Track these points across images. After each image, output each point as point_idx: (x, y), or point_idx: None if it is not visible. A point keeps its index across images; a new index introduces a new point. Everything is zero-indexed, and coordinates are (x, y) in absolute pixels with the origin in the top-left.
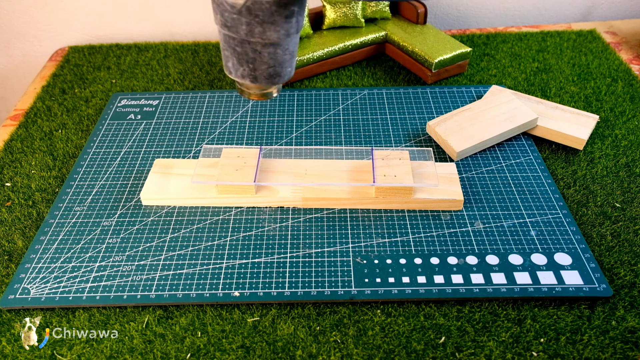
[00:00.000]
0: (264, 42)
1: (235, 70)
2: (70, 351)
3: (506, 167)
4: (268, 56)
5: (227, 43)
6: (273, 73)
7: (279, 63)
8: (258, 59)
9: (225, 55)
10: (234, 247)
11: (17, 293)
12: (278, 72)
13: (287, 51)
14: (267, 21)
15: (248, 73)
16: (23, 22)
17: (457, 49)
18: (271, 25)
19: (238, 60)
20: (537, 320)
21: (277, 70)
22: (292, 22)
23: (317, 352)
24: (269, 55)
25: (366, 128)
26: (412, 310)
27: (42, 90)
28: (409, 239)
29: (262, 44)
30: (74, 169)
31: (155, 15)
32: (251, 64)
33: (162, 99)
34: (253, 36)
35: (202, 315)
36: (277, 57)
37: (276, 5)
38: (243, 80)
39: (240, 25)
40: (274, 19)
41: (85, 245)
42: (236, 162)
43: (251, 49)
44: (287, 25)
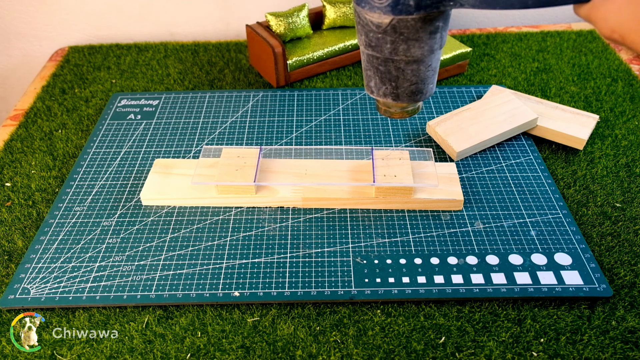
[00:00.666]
0: (408, 60)
1: (378, 89)
2: (70, 351)
3: (506, 167)
4: (411, 73)
5: (370, 63)
6: (415, 90)
7: (422, 80)
8: (401, 77)
9: (368, 75)
10: (234, 247)
11: (17, 293)
12: (420, 89)
13: (429, 67)
14: (412, 38)
15: (390, 91)
16: (23, 22)
17: (457, 49)
18: (415, 42)
19: (381, 79)
20: (537, 320)
21: (419, 87)
22: (437, 37)
23: (317, 352)
24: (412, 72)
25: (366, 128)
26: (412, 310)
27: (42, 90)
28: (409, 239)
29: (405, 61)
30: (74, 169)
31: (155, 15)
32: (394, 82)
33: (162, 99)
34: (397, 54)
35: (202, 315)
36: (419, 73)
37: (422, 21)
38: (385, 98)
39: (385, 44)
40: (418, 36)
41: (85, 245)
42: (236, 162)
43: (394, 67)
44: (432, 42)
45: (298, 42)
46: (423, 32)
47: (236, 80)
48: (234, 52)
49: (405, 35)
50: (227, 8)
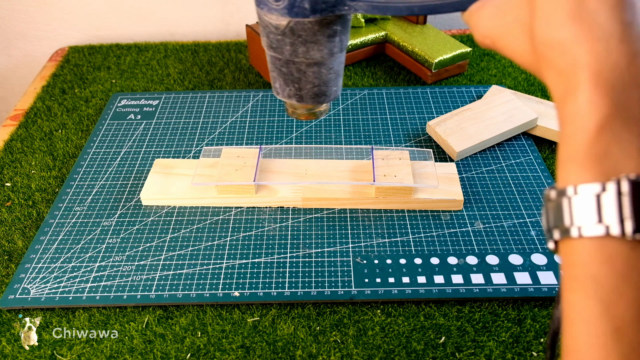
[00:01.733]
0: (308, 62)
1: (282, 90)
2: (70, 351)
3: (506, 167)
4: (313, 75)
5: (273, 64)
6: (318, 92)
7: (324, 82)
8: (303, 79)
9: (273, 77)
10: (234, 247)
11: (17, 293)
12: (323, 91)
13: (331, 70)
14: (310, 41)
15: (294, 93)
16: (23, 22)
17: (457, 49)
18: (314, 44)
19: (284, 80)
20: (537, 320)
21: (322, 89)
22: (336, 41)
23: (317, 352)
24: (313, 74)
25: (366, 128)
26: (412, 310)
27: (42, 90)
28: (409, 239)
29: (306, 63)
30: (74, 169)
31: (155, 15)
32: (297, 84)
33: (162, 99)
34: (297, 56)
35: (202, 315)
36: (321, 76)
37: (318, 25)
38: (290, 100)
39: (285, 45)
40: (316, 39)
41: (85, 245)
42: (236, 162)
43: (296, 69)
44: (331, 45)
45: None
46: (321, 35)
47: (236, 80)
48: (234, 52)
49: (303, 37)
50: (227, 8)
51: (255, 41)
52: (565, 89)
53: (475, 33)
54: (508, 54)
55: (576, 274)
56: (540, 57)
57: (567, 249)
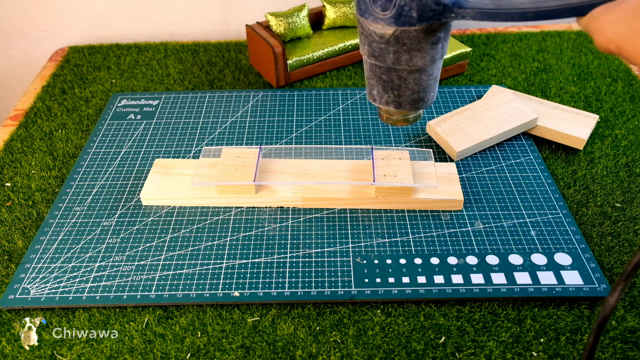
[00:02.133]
0: (410, 69)
1: (380, 97)
2: (70, 351)
3: (506, 167)
4: (413, 82)
5: (372, 72)
6: (417, 98)
7: (423, 88)
8: (403, 86)
9: (370, 84)
10: (234, 247)
11: (17, 293)
12: (422, 97)
13: (431, 76)
14: (414, 48)
15: (393, 99)
16: (23, 22)
17: (457, 49)
18: (418, 52)
19: (383, 87)
20: (537, 320)
21: (421, 95)
22: (438, 47)
23: (317, 352)
24: (414, 81)
25: (366, 128)
26: (412, 310)
27: (42, 90)
28: (409, 239)
29: (407, 70)
30: (74, 169)
31: (155, 15)
32: (396, 91)
33: (162, 99)
34: (400, 64)
35: (202, 315)
36: (421, 82)
37: (424, 33)
38: (387, 106)
39: (388, 54)
40: (421, 46)
41: (85, 245)
42: (236, 162)
43: (397, 76)
44: (433, 52)
45: (298, 42)
46: (425, 43)
47: (236, 80)
48: (234, 52)
49: (407, 45)
50: (227, 8)
51: (255, 41)
52: None
53: (598, 38)
54: (636, 60)
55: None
56: None
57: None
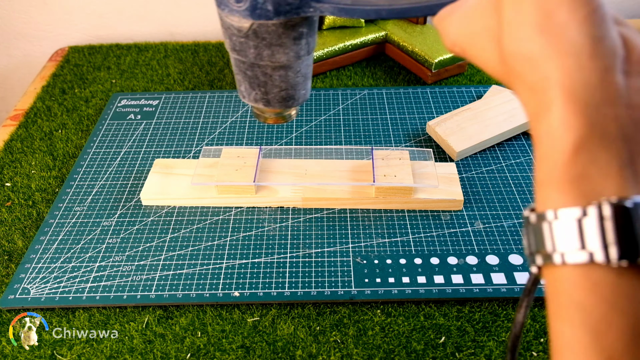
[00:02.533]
0: (274, 65)
1: (248, 94)
2: (70, 351)
3: (506, 167)
4: (279, 79)
5: (237, 67)
6: (286, 96)
7: (292, 86)
8: (269, 82)
9: (238, 80)
10: (234, 247)
11: (17, 293)
12: (291, 94)
13: (299, 73)
14: (275, 44)
15: (261, 97)
16: (23, 22)
17: None
18: (279, 47)
19: (250, 84)
20: (537, 320)
21: (289, 93)
22: (302, 43)
23: (317, 352)
24: (280, 78)
25: (366, 128)
26: (412, 310)
27: (42, 90)
28: (409, 239)
29: (271, 67)
30: (74, 169)
31: (155, 15)
32: (263, 88)
33: (162, 99)
34: (262, 59)
35: (202, 315)
36: (288, 79)
37: (283, 27)
38: (256, 104)
39: (249, 48)
40: (281, 41)
41: (85, 245)
42: (236, 162)
43: (261, 73)
44: (297, 47)
45: None
46: (286, 38)
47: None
48: None
49: (267, 40)
50: None
51: None
52: (537, 107)
53: (445, 39)
54: (478, 63)
55: (562, 302)
56: (510, 70)
57: (551, 275)
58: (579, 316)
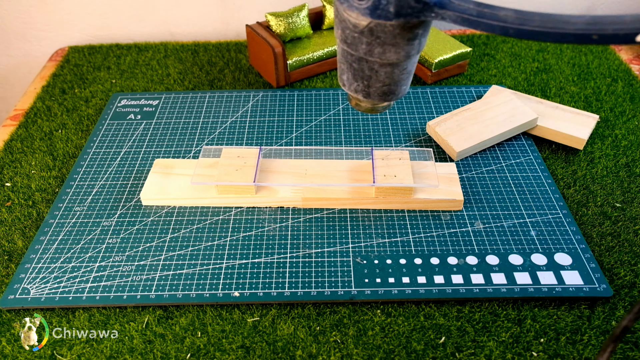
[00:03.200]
0: (383, 62)
1: (350, 84)
2: (70, 351)
3: (506, 167)
4: (384, 75)
5: (344, 57)
6: (387, 91)
7: (395, 82)
8: (374, 77)
9: (341, 68)
10: (234, 247)
11: (17, 293)
12: (392, 90)
13: (404, 71)
14: (389, 43)
15: (362, 89)
16: (23, 22)
17: (457, 49)
18: (392, 47)
19: (353, 75)
20: (537, 320)
21: (391, 88)
22: (415, 44)
23: (317, 352)
24: (385, 74)
25: (366, 128)
26: (412, 310)
27: (42, 90)
28: (409, 239)
29: (380, 63)
30: (74, 169)
31: (155, 15)
32: (366, 81)
33: (162, 99)
34: (372, 56)
35: (202, 316)
36: (393, 76)
37: (400, 28)
38: (356, 94)
39: (360, 44)
40: (395, 41)
41: (85, 245)
42: (236, 162)
43: (368, 67)
44: (409, 47)
45: (298, 42)
46: (401, 38)
47: (236, 80)
48: (234, 52)
49: (382, 39)
50: (227, 8)
51: (255, 41)
52: None
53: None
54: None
55: None
56: None
57: None
58: None
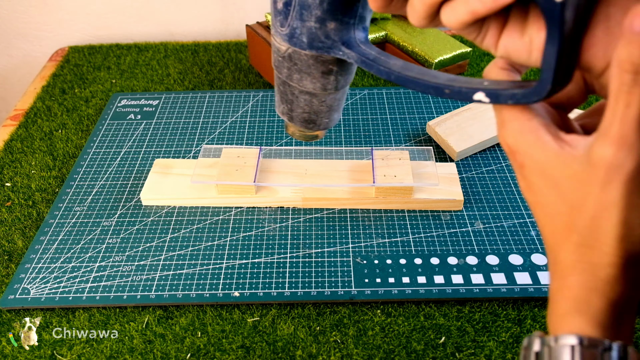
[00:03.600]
0: (301, 89)
1: (278, 106)
2: (70, 351)
3: (506, 167)
4: (304, 102)
5: (275, 80)
6: (308, 119)
7: (315, 111)
8: (295, 102)
9: (274, 91)
10: (234, 247)
11: (17, 293)
12: (313, 119)
13: (324, 103)
14: (305, 71)
15: (286, 112)
16: (23, 22)
17: (457, 49)
18: (308, 75)
19: (280, 97)
20: (537, 320)
21: (312, 117)
22: (330, 79)
23: (317, 352)
24: (304, 101)
25: (366, 128)
26: (412, 310)
27: (42, 90)
28: (409, 239)
29: (298, 89)
30: (74, 169)
31: (155, 15)
32: (289, 105)
33: (162, 99)
34: (292, 81)
35: (202, 316)
36: (312, 105)
37: (314, 59)
38: (282, 116)
39: (283, 68)
40: (310, 71)
41: (85, 245)
42: (236, 162)
43: (290, 91)
44: (324, 81)
45: None
46: (315, 70)
47: (236, 80)
48: (234, 52)
49: (298, 66)
50: (227, 8)
51: (256, 41)
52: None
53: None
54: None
55: None
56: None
57: None
58: None
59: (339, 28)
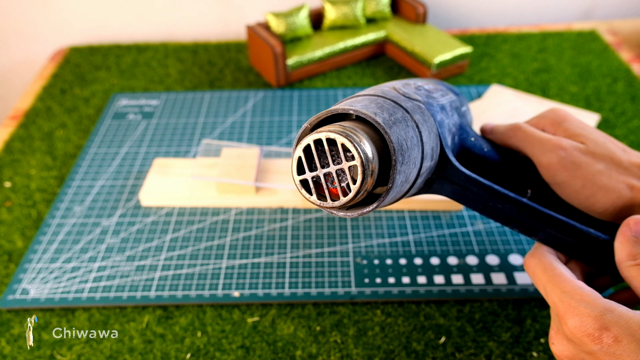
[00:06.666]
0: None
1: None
2: (70, 351)
3: None
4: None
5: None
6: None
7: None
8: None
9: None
10: (234, 247)
11: (17, 293)
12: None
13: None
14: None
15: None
16: (23, 22)
17: (457, 49)
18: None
19: None
20: (537, 320)
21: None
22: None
23: (317, 352)
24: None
25: None
26: (412, 310)
27: (42, 90)
28: (409, 239)
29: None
30: (74, 169)
31: (155, 15)
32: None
33: (162, 99)
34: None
35: (202, 315)
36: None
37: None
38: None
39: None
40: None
41: (85, 245)
42: (236, 162)
43: None
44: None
45: (298, 42)
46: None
47: (236, 80)
48: (234, 52)
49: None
50: (227, 8)
51: (255, 41)
52: None
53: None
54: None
55: None
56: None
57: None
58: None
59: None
